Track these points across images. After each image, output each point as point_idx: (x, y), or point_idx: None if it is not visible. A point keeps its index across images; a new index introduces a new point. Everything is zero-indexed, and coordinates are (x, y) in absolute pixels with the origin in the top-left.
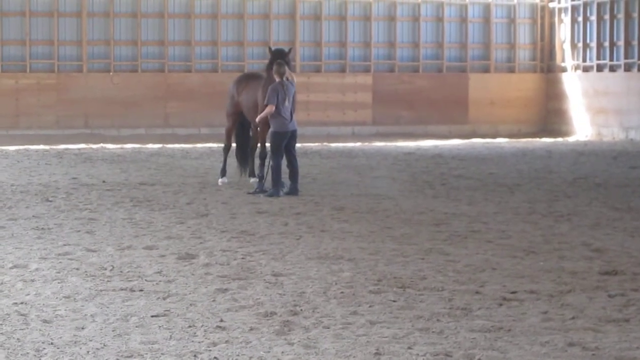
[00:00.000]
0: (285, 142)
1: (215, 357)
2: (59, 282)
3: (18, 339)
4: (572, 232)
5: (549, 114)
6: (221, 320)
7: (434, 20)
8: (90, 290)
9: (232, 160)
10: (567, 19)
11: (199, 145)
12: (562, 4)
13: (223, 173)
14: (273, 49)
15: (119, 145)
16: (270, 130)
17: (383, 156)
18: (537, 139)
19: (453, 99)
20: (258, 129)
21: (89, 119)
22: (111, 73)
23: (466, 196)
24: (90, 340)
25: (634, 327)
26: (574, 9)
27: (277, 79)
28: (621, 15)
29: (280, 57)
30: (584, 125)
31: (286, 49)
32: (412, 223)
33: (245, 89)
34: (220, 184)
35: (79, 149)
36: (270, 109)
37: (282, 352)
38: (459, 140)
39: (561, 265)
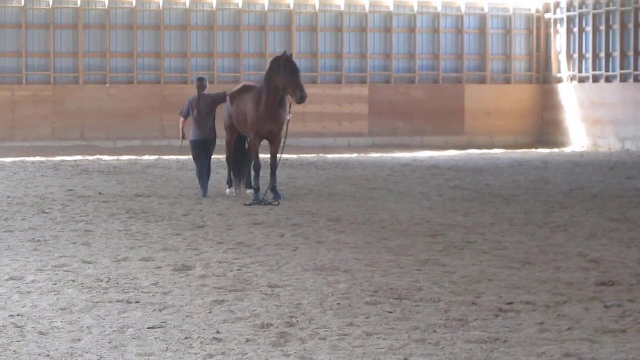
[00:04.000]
0: (199, 149)
1: None
2: (55, 294)
3: (14, 351)
4: (569, 243)
5: (545, 125)
6: (217, 332)
7: (429, 31)
8: (87, 302)
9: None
10: (562, 30)
11: None
12: (558, 15)
13: (230, 183)
14: (277, 56)
15: (115, 157)
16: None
17: (379, 167)
18: (533, 150)
19: (449, 110)
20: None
21: (85, 131)
22: (107, 85)
23: (462, 207)
24: (87, 353)
25: (630, 337)
26: (570, 20)
27: (202, 92)
28: (617, 26)
29: (290, 62)
30: (580, 136)
31: (287, 53)
32: (409, 234)
33: (238, 101)
34: (228, 194)
35: (75, 161)
36: (182, 121)
37: None
38: (455, 151)
39: (557, 276)
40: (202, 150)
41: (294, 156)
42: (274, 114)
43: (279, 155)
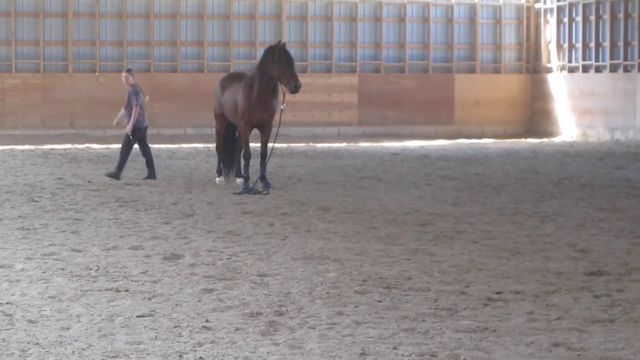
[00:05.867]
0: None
1: (200, 358)
2: (44, 283)
3: (3, 339)
4: (558, 232)
5: (535, 115)
6: (207, 321)
7: (419, 20)
8: (76, 290)
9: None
10: (552, 19)
11: (184, 145)
12: (548, 5)
13: (219, 172)
14: (270, 45)
15: (104, 146)
16: (135, 127)
17: (369, 157)
18: (523, 140)
19: (439, 100)
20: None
21: (74, 119)
22: (97, 73)
23: (452, 197)
24: (76, 341)
25: (619, 327)
26: (560, 9)
27: (133, 83)
28: (607, 16)
29: (284, 51)
30: (569, 125)
31: (282, 43)
32: (398, 223)
33: (228, 90)
34: (217, 182)
35: (64, 149)
36: (137, 110)
37: (268, 353)
38: (445, 140)
39: (546, 266)
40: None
41: (284, 145)
42: (266, 103)
43: (270, 145)
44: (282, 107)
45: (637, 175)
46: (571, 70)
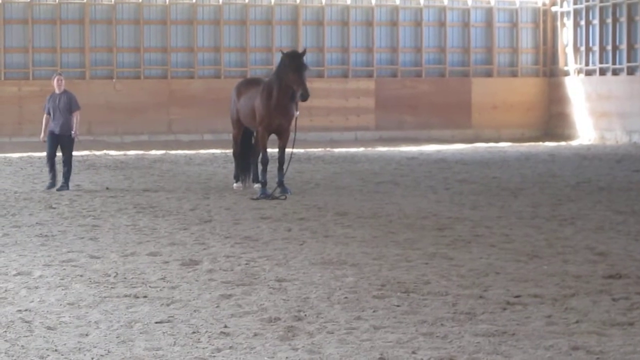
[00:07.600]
0: None
1: None
2: (62, 289)
3: (22, 346)
4: (576, 236)
5: (552, 118)
6: (225, 326)
7: (436, 24)
8: (94, 296)
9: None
10: (569, 22)
11: (202, 151)
12: (565, 8)
13: (237, 178)
14: (285, 52)
15: (122, 152)
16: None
17: (386, 161)
18: (540, 143)
19: (456, 104)
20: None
21: (92, 126)
22: (114, 80)
23: (470, 200)
24: (95, 347)
25: (638, 330)
26: (577, 12)
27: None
28: (624, 19)
29: (296, 59)
30: (587, 129)
31: (300, 50)
32: (416, 228)
33: (244, 95)
34: (235, 188)
35: (82, 156)
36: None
37: (287, 358)
38: (462, 144)
39: (565, 269)
40: None
41: (301, 150)
42: (285, 109)
43: (289, 150)
44: (297, 114)
45: None
46: (588, 73)
